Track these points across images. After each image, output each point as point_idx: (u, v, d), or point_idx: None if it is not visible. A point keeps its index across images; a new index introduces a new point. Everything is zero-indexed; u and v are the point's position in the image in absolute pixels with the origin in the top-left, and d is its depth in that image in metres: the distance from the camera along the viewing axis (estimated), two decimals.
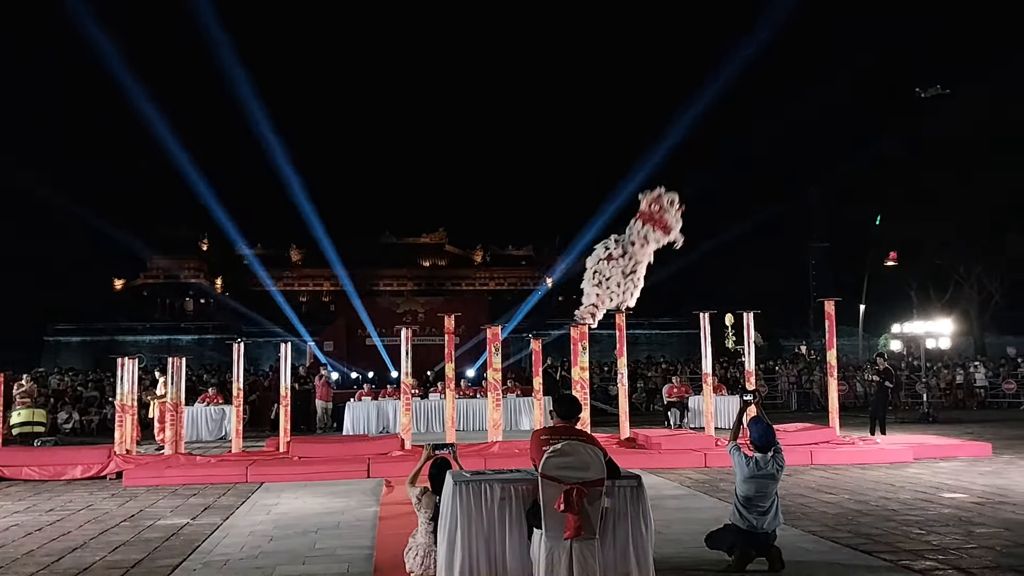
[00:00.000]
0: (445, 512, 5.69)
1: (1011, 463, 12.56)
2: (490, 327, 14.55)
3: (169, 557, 7.29)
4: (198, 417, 19.80)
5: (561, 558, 5.23)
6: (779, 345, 43.99)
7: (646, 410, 26.08)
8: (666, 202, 13.98)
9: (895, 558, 6.75)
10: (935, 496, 9.72)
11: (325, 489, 11.03)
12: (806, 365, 30.19)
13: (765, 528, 6.49)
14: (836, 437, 14.22)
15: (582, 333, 14.05)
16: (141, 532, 8.47)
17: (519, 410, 20.71)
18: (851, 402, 26.70)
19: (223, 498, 10.55)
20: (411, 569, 6.26)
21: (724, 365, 28.52)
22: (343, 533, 8.21)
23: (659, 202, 14.00)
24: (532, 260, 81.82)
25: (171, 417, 13.98)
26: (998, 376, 28.11)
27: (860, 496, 9.82)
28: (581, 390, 13.54)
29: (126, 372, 14.30)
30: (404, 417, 14.25)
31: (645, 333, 50.00)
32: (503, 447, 13.34)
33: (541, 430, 5.74)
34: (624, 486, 5.57)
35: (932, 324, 23.60)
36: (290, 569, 6.80)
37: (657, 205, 14.00)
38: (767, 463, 6.59)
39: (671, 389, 20.95)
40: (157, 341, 49.95)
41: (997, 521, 8.20)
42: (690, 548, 7.19)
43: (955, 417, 22.24)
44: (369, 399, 20.89)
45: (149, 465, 12.72)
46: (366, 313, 29.05)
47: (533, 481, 5.45)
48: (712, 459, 12.83)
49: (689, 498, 10.06)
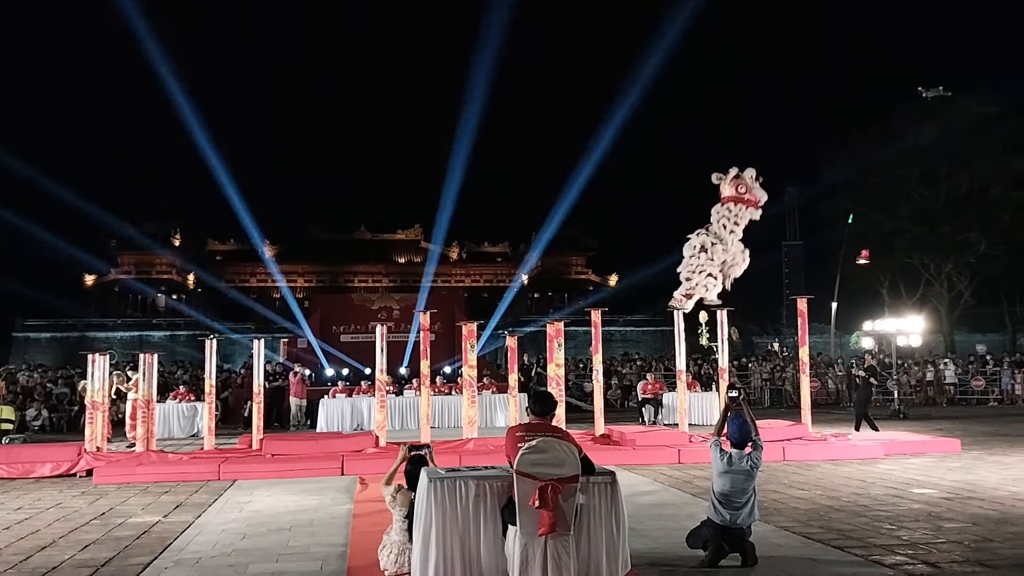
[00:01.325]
0: (420, 509, 5.68)
1: (979, 459, 12.72)
2: (466, 324, 14.53)
3: (140, 555, 7.21)
4: (170, 414, 19.65)
5: (535, 554, 5.23)
6: (752, 342, 44.30)
7: (621, 407, 26.17)
8: (748, 179, 14.34)
9: (866, 553, 6.80)
10: (905, 492, 9.82)
11: (299, 486, 10.96)
12: (779, 362, 30.41)
13: (740, 523, 6.52)
14: (808, 433, 14.33)
15: (558, 330, 14.07)
16: (111, 530, 8.38)
17: (494, 407, 20.71)
18: (823, 399, 26.98)
19: (195, 496, 10.47)
20: (385, 567, 6.24)
21: (698, 362, 28.68)
22: (317, 531, 8.16)
23: (743, 181, 14.32)
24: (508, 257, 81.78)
25: (143, 414, 13.87)
26: (967, 373, 28.47)
27: (832, 492, 9.90)
28: (556, 387, 13.56)
29: (97, 368, 14.15)
30: (379, 414, 14.21)
31: (620, 330, 50.12)
32: (478, 444, 13.33)
33: (517, 427, 5.74)
34: (598, 482, 5.58)
35: (903, 322, 23.84)
36: (263, 567, 6.75)
37: (742, 185, 14.32)
38: (741, 459, 6.63)
39: (645, 386, 21.02)
40: (128, 337, 49.43)
41: (966, 516, 8.30)
42: (664, 544, 7.22)
43: (925, 413, 22.50)
44: (343, 396, 20.80)
45: (120, 462, 12.60)
46: (340, 309, 28.92)
47: (508, 478, 5.44)
48: (686, 455, 12.89)
49: (663, 494, 10.09)
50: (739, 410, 6.94)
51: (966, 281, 40.85)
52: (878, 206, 38.99)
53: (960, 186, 39.16)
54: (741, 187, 14.41)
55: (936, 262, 40.23)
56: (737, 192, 14.40)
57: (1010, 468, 11.68)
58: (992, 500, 9.17)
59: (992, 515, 8.33)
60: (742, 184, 14.43)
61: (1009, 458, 12.80)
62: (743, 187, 14.43)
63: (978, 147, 38.26)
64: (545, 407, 5.75)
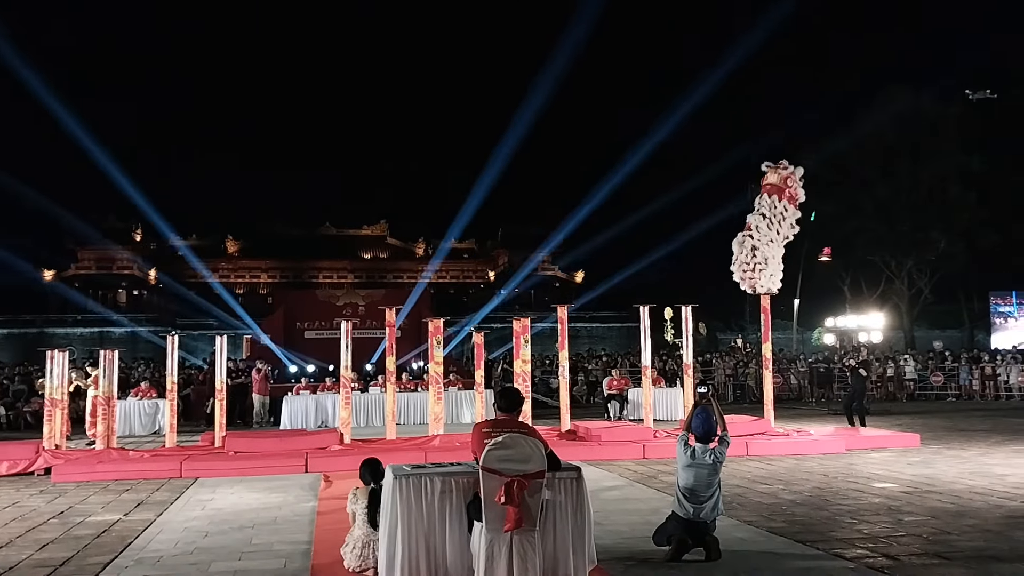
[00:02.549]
0: (386, 506, 5.65)
1: (938, 453, 12.92)
2: (432, 320, 14.49)
3: (100, 555, 7.11)
4: (131, 411, 19.40)
5: (501, 550, 5.22)
6: (716, 338, 44.64)
7: (587, 403, 26.25)
8: (797, 176, 14.65)
9: (828, 547, 6.88)
10: (866, 486, 9.95)
11: (262, 484, 10.87)
12: (742, 358, 30.67)
13: (704, 518, 6.57)
14: (771, 429, 14.47)
15: (524, 326, 14.08)
16: (70, 529, 8.25)
17: (460, 403, 20.67)
18: (786, 394, 27.25)
19: (157, 493, 10.34)
20: (349, 564, 6.22)
21: (663, 358, 28.84)
22: (280, 528, 8.10)
23: (792, 175, 14.62)
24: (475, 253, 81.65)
25: (103, 411, 13.67)
26: (927, 369, 28.89)
27: (794, 486, 10.01)
28: (523, 383, 13.57)
29: (56, 365, 13.92)
30: (344, 411, 14.13)
31: (586, 327, 50.29)
32: (444, 440, 13.31)
33: (483, 423, 5.73)
34: (564, 478, 5.58)
35: (864, 318, 24.21)
36: (226, 565, 6.68)
37: (791, 179, 14.62)
38: (705, 453, 6.68)
39: (611, 382, 21.12)
40: (89, 333, 48.70)
41: (925, 510, 8.42)
42: (629, 539, 7.25)
43: (885, 409, 22.79)
44: (307, 393, 20.65)
45: (79, 460, 12.42)
46: (305, 306, 28.71)
47: (474, 474, 5.43)
48: (651, 451, 12.96)
49: (628, 489, 10.14)
50: (706, 405, 6.99)
51: (926, 279, 41.47)
52: (840, 203, 39.43)
53: (921, 185, 39.71)
54: (790, 180, 14.77)
55: (897, 260, 40.79)
56: (785, 184, 14.76)
57: (967, 462, 11.88)
58: (950, 494, 9.32)
59: (950, 508, 8.46)
60: (791, 177, 14.78)
61: (966, 452, 13.01)
62: (792, 181, 14.79)
63: (938, 147, 38.84)
64: (511, 403, 5.75)
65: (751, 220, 15.07)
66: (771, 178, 14.91)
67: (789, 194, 14.90)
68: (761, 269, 14.79)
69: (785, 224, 14.86)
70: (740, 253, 14.93)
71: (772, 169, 14.98)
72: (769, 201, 14.87)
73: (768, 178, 14.98)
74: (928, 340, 40.47)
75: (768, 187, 14.95)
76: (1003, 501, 8.82)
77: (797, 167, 15.08)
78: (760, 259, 14.79)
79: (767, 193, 14.94)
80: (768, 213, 14.85)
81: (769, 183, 14.96)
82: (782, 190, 14.87)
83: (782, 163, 15.04)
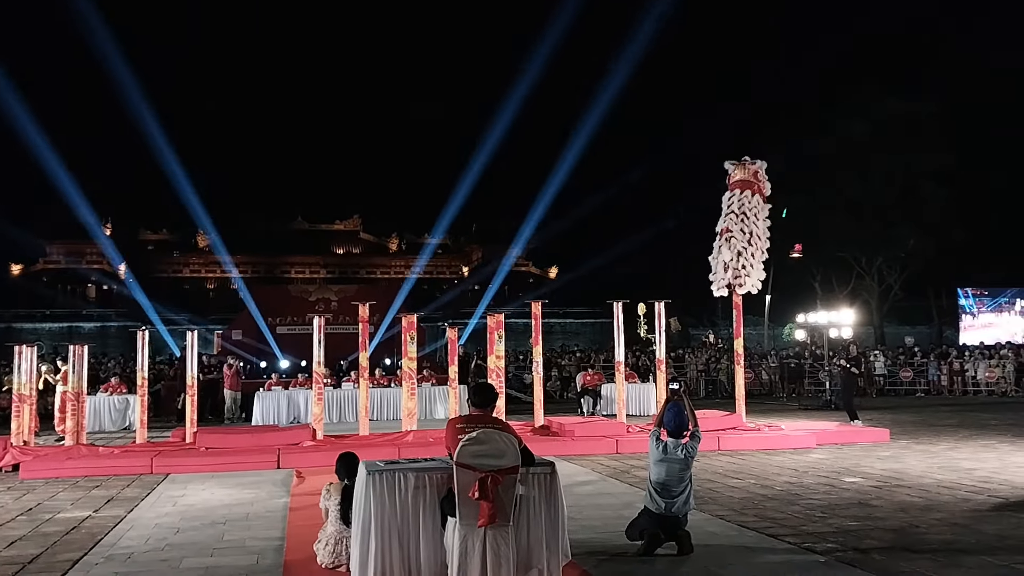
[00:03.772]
0: (359, 502, 5.64)
1: (907, 448, 13.07)
2: (406, 315, 14.46)
3: (69, 551, 7.04)
4: (101, 407, 19.19)
5: (475, 545, 5.22)
6: (688, 334, 44.89)
7: (560, 398, 26.32)
8: (762, 171, 14.71)
9: (799, 541, 6.95)
10: (837, 480, 10.05)
11: (233, 480, 10.81)
12: (714, 353, 30.85)
13: (675, 512, 6.61)
14: (743, 423, 14.57)
15: (498, 322, 14.08)
16: (39, 526, 8.16)
17: (434, 399, 20.64)
18: (757, 389, 27.47)
19: (127, 490, 10.25)
20: (322, 560, 6.20)
21: (636, 354, 28.95)
22: (252, 524, 8.06)
23: (759, 169, 14.74)
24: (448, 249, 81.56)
25: (72, 407, 13.51)
26: (896, 365, 29.21)
27: (765, 481, 10.09)
28: (496, 378, 13.57)
29: (24, 360, 13.75)
30: (316, 407, 14.06)
31: (560, 322, 50.40)
32: (418, 436, 13.28)
33: (457, 418, 5.74)
34: (538, 473, 5.59)
35: (835, 314, 24.36)
36: (198, 561, 6.64)
37: (760, 173, 14.76)
38: (677, 448, 6.73)
39: (585, 377, 21.20)
40: (57, 329, 48.17)
41: (894, 504, 8.52)
42: (602, 533, 7.28)
43: (855, 404, 22.96)
44: (279, 389, 20.53)
45: (48, 456, 12.29)
46: (277, 301, 28.50)
47: (448, 470, 5.43)
48: (624, 446, 13.01)
49: (601, 484, 10.18)
50: (678, 401, 7.04)
51: (896, 275, 41.91)
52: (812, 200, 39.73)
53: (891, 182, 40.09)
54: (759, 174, 14.84)
55: (867, 256, 41.20)
56: (754, 178, 14.82)
57: (936, 457, 12.03)
58: (919, 488, 9.43)
59: (919, 502, 8.57)
60: (759, 172, 14.87)
61: (935, 447, 13.18)
62: (760, 175, 14.87)
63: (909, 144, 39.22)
64: (485, 398, 5.75)
65: (726, 224, 14.98)
66: (739, 174, 14.92)
67: (759, 188, 14.96)
68: (747, 273, 14.82)
69: (761, 220, 14.91)
70: (727, 259, 14.83)
71: (738, 165, 15.00)
72: (740, 197, 14.90)
73: (736, 175, 14.98)
74: (898, 336, 40.92)
75: (739, 183, 14.96)
76: (970, 495, 8.95)
77: (761, 161, 15.11)
78: (746, 262, 14.81)
79: (738, 189, 14.93)
80: (739, 210, 14.86)
81: (738, 179, 14.96)
82: (752, 184, 14.90)
83: (745, 159, 15.06)
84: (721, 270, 14.97)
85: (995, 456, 12.01)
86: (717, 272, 15.07)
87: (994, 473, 10.42)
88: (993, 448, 12.93)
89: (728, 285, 14.93)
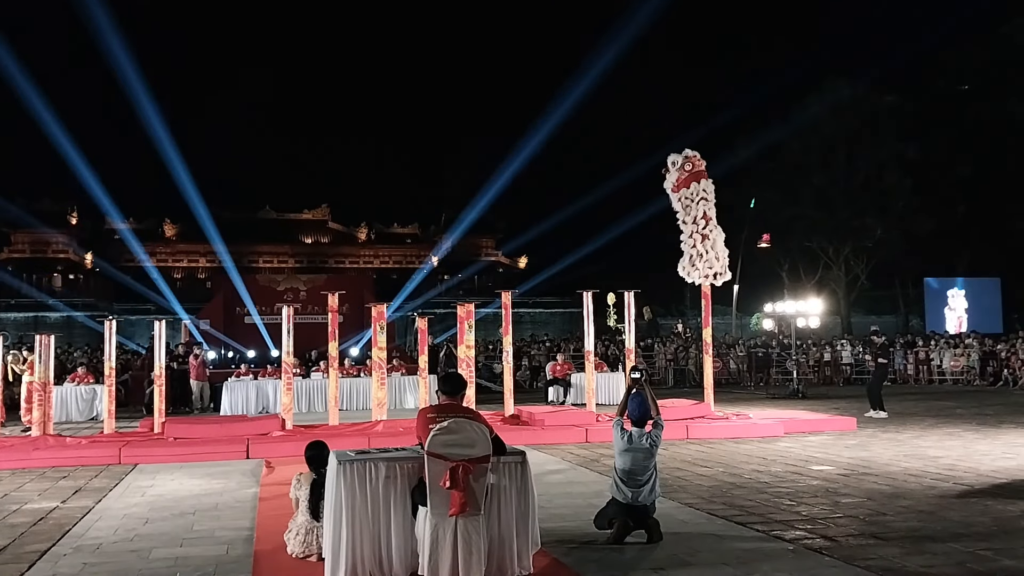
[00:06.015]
0: (330, 492, 5.63)
1: (874, 436, 13.23)
2: (375, 305, 14.41)
3: (37, 542, 6.96)
4: (68, 397, 18.96)
5: (446, 535, 5.24)
6: (657, 323, 45.15)
7: (530, 387, 26.38)
8: (695, 157, 14.71)
9: (767, 528, 7.02)
10: (804, 468, 10.16)
11: (202, 470, 10.74)
12: (682, 343, 31.06)
13: (642, 501, 6.65)
14: (711, 412, 14.68)
15: (468, 312, 14.08)
16: (6, 517, 8.06)
17: (404, 389, 20.61)
18: (725, 378, 27.70)
19: (95, 480, 10.15)
20: (292, 550, 6.19)
21: (605, 343, 29.07)
22: (222, 515, 8.01)
23: (695, 156, 14.69)
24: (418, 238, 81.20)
25: (39, 397, 13.34)
26: (863, 354, 29.51)
27: (734, 469, 10.18)
28: (467, 368, 13.57)
29: None
30: (285, 397, 14.00)
31: (529, 312, 50.40)
32: (387, 426, 13.27)
33: (428, 408, 5.74)
34: (509, 462, 5.61)
35: (802, 304, 24.55)
36: (167, 552, 6.59)
37: (696, 160, 14.68)
38: (641, 437, 6.76)
39: (554, 367, 21.26)
40: (23, 318, 47.45)
41: (861, 492, 8.63)
42: (573, 522, 7.32)
43: (823, 393, 23.28)
44: (248, 378, 20.41)
45: (14, 447, 12.12)
46: (245, 290, 28.29)
47: (418, 459, 5.44)
48: (593, 435, 13.06)
49: (571, 472, 10.22)
50: (640, 389, 7.07)
51: (863, 265, 42.34)
52: (779, 191, 40.07)
53: (858, 173, 40.49)
54: (688, 164, 14.84)
55: (834, 246, 41.61)
56: (694, 168, 14.82)
57: (902, 445, 12.19)
58: (886, 476, 9.56)
59: (886, 490, 8.69)
60: (689, 162, 14.84)
61: (901, 435, 13.35)
62: (697, 161, 14.89)
63: (875, 135, 39.64)
64: (455, 387, 5.76)
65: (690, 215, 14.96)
66: (686, 167, 14.93)
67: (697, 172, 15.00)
68: (717, 259, 14.89)
69: (711, 204, 14.97)
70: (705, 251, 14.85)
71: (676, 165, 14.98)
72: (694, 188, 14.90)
73: (684, 168, 14.96)
74: (865, 325, 41.27)
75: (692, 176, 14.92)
76: (936, 482, 9.08)
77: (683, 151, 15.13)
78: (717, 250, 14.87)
79: (695, 181, 14.90)
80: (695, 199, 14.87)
81: (686, 173, 14.93)
82: (700, 174, 14.93)
83: (685, 151, 15.02)
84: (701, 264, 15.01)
85: (960, 444, 12.19)
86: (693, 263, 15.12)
87: (959, 461, 10.59)
88: (958, 436, 13.13)
89: (706, 276, 14.96)
